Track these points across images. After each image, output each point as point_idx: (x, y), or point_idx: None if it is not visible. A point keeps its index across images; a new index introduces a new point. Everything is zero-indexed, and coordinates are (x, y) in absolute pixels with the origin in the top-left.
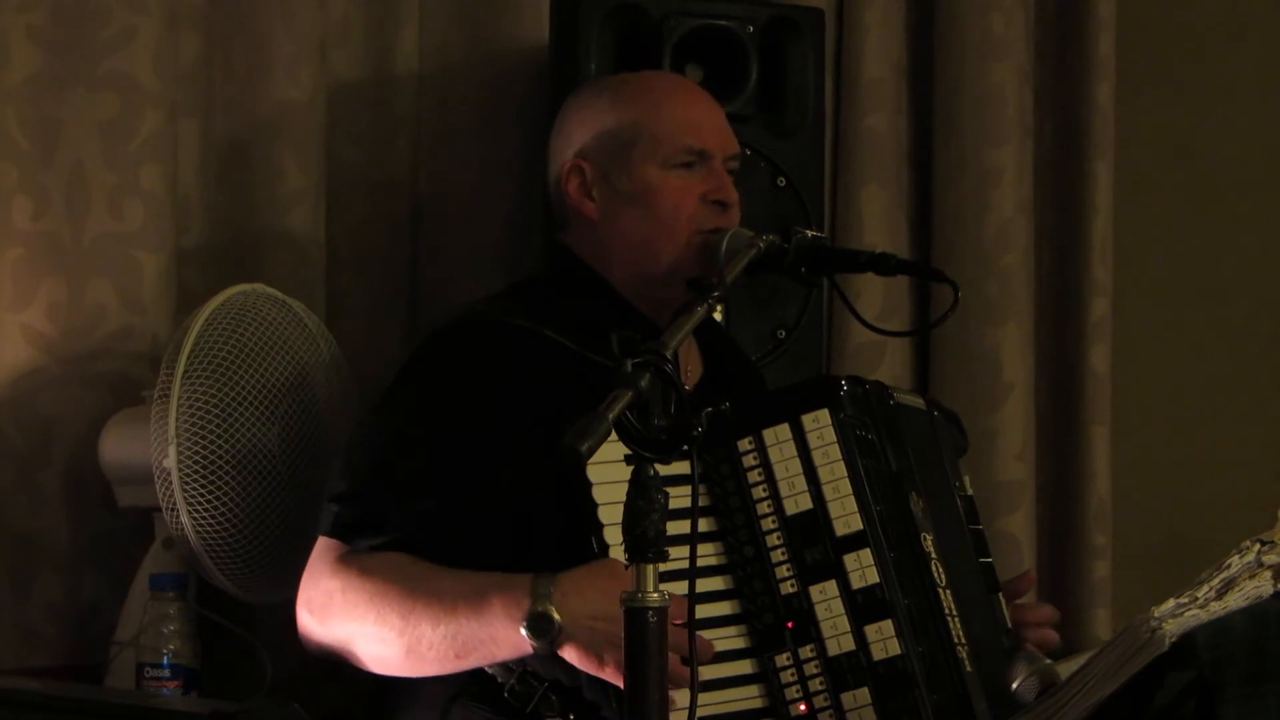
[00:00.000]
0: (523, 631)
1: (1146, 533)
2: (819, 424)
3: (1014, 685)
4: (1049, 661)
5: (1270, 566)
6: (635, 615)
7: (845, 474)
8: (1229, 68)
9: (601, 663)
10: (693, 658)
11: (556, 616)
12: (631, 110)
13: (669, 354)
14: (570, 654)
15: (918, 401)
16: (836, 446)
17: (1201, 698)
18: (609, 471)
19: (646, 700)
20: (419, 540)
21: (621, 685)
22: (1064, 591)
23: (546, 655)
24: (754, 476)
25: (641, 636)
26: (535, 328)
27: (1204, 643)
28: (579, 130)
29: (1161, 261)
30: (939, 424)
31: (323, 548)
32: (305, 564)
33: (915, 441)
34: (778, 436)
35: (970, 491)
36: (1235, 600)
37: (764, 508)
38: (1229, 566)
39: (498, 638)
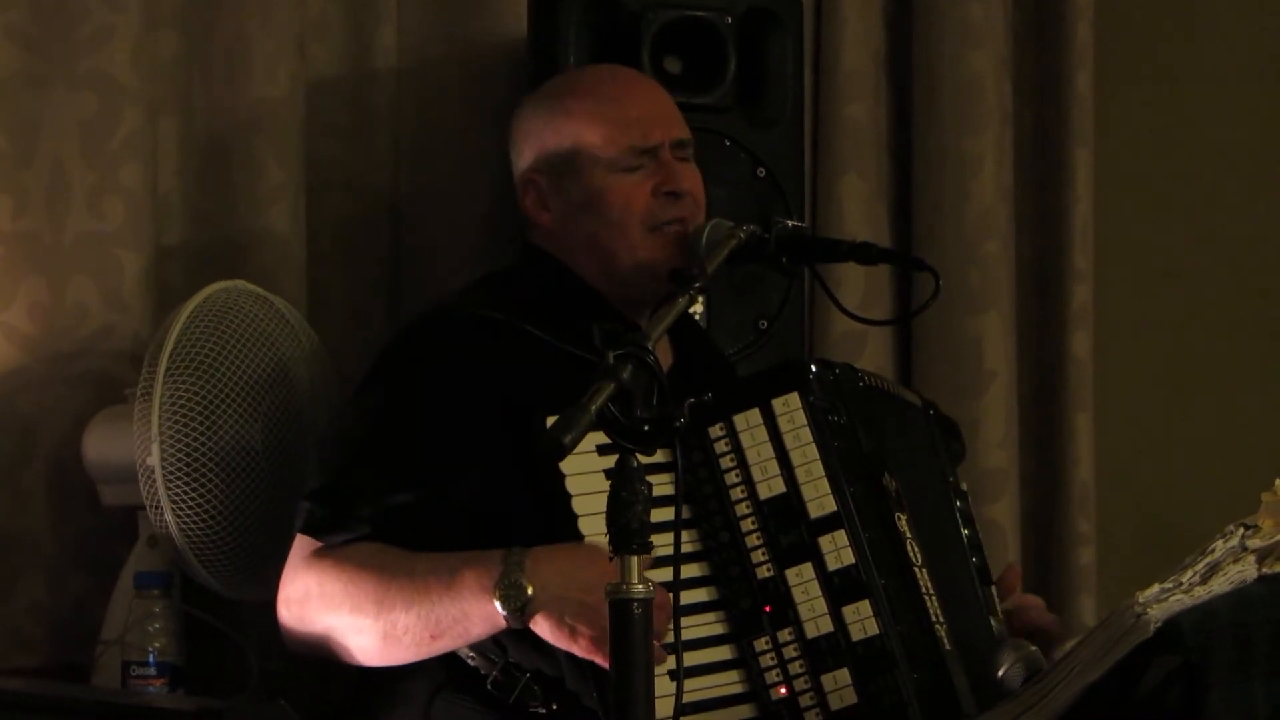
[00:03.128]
0: (495, 602)
1: (1130, 519)
2: (789, 408)
3: (1000, 672)
4: (1035, 648)
5: (1254, 550)
6: (620, 607)
7: (817, 456)
8: (1208, 54)
9: (573, 635)
10: (678, 647)
11: (528, 584)
12: (568, 126)
13: (650, 345)
14: (541, 626)
15: (913, 397)
16: (808, 429)
17: (1187, 682)
18: (582, 463)
19: (632, 691)
20: (391, 534)
21: (593, 660)
22: (1048, 579)
23: (519, 628)
24: (726, 462)
25: (627, 628)
26: (506, 319)
27: (1189, 628)
28: (525, 147)
29: (1142, 248)
30: (934, 423)
31: (298, 545)
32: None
33: (893, 426)
34: (749, 421)
35: (965, 489)
36: (1220, 585)
37: (737, 493)
38: (1213, 551)
39: (470, 613)
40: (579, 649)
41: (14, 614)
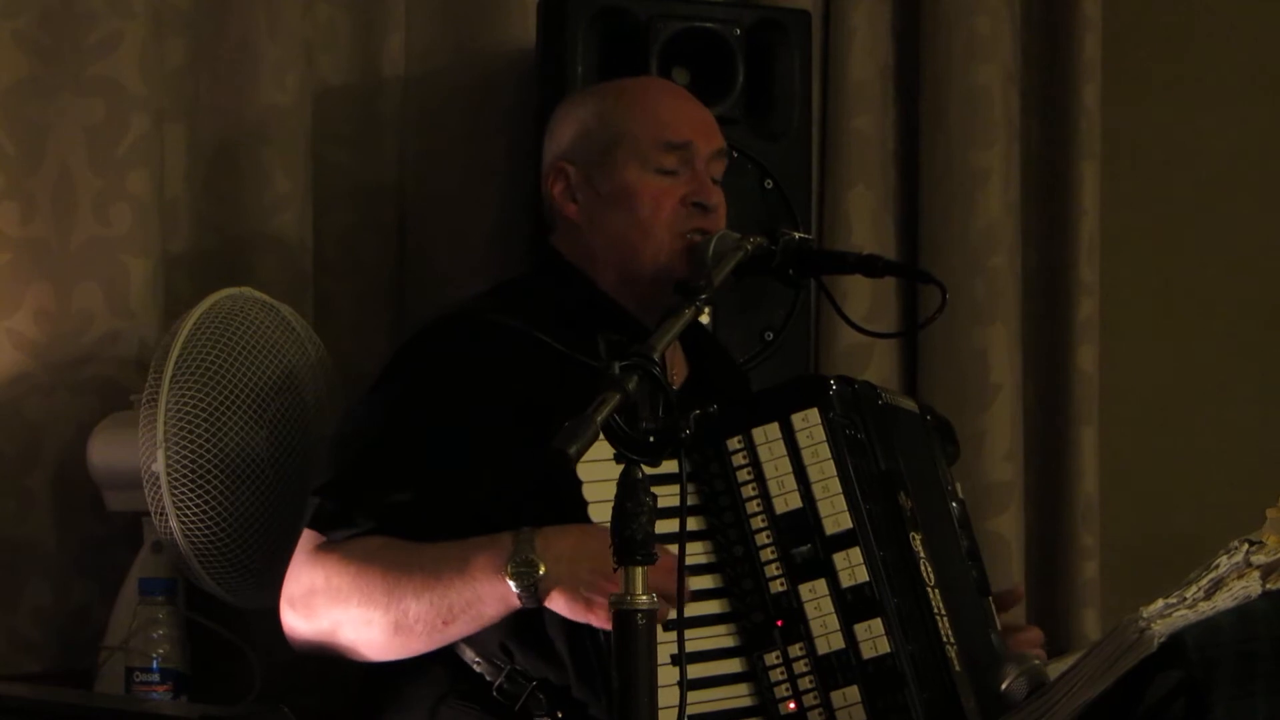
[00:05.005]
0: (508, 581)
1: (1135, 533)
2: (808, 423)
3: (1003, 686)
4: (1038, 662)
5: (1258, 566)
6: (624, 618)
7: (834, 473)
8: (1215, 68)
9: (590, 606)
10: (681, 659)
11: (539, 561)
12: (615, 112)
13: (656, 356)
14: (557, 601)
15: (910, 404)
16: (826, 445)
17: (1190, 698)
18: (598, 470)
19: (636, 701)
20: (398, 530)
21: (609, 628)
22: (1052, 592)
23: (533, 607)
24: (743, 475)
25: (631, 639)
26: (520, 325)
27: (1192, 643)
28: (564, 134)
29: (1148, 261)
30: (931, 429)
31: (303, 541)
32: None
33: (906, 442)
34: (767, 435)
35: (962, 497)
36: (1223, 600)
37: (753, 506)
38: (1217, 566)
39: (483, 594)
40: (596, 620)
41: (18, 619)
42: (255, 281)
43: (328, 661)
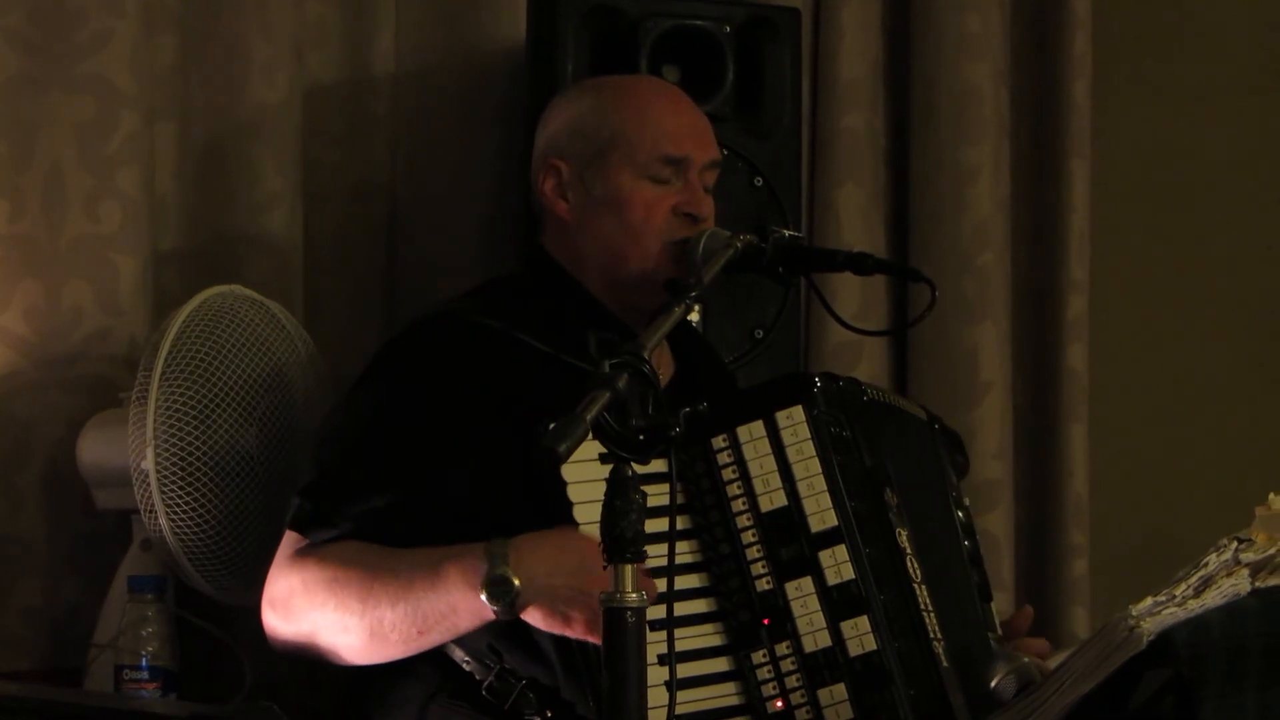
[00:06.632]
0: (482, 597)
1: (1124, 531)
2: (793, 421)
3: (992, 683)
4: (1027, 660)
5: (1247, 564)
6: (614, 616)
7: (820, 470)
8: (1205, 65)
9: (567, 621)
10: (671, 658)
11: (514, 578)
12: (612, 114)
13: (646, 355)
14: (534, 616)
15: (916, 410)
16: (810, 443)
17: (1179, 696)
18: (583, 470)
19: (626, 700)
20: (378, 533)
21: (594, 641)
22: (1042, 590)
23: (508, 619)
24: (729, 474)
25: (620, 637)
26: (503, 326)
27: (1182, 641)
28: (559, 130)
29: (1138, 259)
30: (938, 436)
31: (285, 543)
32: None
33: (896, 441)
34: (752, 434)
35: (967, 502)
36: (1213, 598)
37: (739, 505)
38: (1206, 564)
39: (457, 607)
40: (573, 633)
41: (8, 617)
42: (245, 279)
43: (315, 661)
